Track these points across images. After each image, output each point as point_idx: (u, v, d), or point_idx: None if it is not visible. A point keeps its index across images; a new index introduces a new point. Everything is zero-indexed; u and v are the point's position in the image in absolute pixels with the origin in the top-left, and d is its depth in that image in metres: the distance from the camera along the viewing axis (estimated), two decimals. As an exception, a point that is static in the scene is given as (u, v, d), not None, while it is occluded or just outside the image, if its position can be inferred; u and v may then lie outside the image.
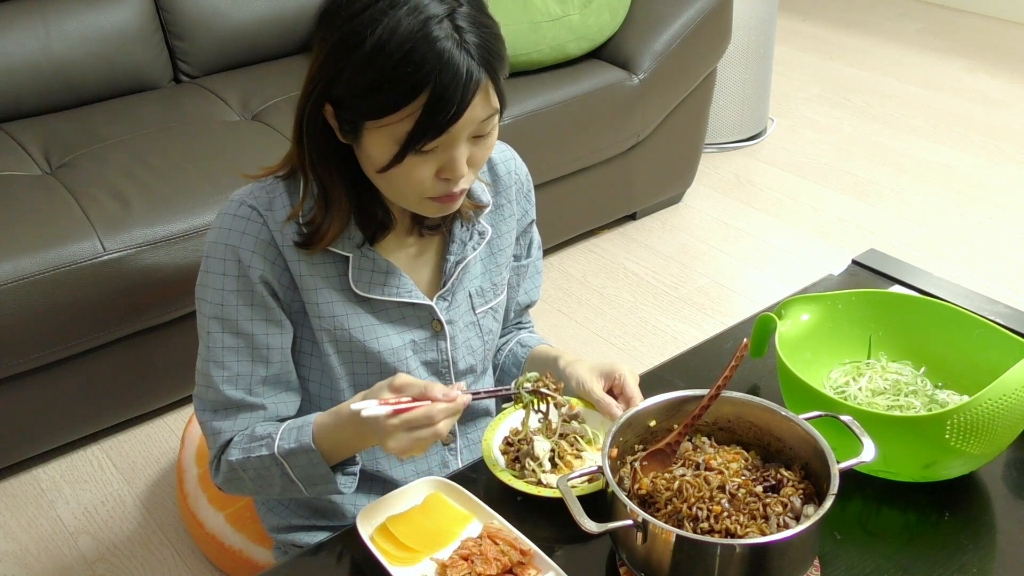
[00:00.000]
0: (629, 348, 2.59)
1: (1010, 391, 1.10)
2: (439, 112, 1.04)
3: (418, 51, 1.02)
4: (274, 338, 1.23)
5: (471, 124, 1.08)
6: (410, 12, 1.03)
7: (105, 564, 2.02)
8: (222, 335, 1.21)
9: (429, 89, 1.03)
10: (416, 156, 1.09)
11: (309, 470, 1.18)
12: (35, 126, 2.43)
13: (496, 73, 1.08)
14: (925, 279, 1.57)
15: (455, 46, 1.03)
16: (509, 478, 1.19)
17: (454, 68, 1.03)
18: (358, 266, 1.22)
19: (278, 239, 1.19)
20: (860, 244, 2.95)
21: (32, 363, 2.03)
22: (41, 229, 2.01)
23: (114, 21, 2.55)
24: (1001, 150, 3.51)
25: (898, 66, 4.22)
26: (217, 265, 1.20)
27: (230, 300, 1.20)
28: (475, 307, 1.34)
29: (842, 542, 1.13)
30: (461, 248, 1.30)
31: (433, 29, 1.03)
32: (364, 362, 1.27)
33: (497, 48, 1.08)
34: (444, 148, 1.10)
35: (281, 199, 1.20)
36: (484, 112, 1.09)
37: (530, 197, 1.41)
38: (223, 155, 2.27)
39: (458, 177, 1.12)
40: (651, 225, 3.13)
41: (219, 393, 1.23)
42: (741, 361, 1.12)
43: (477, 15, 1.07)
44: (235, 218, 1.19)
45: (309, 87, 1.12)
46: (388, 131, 1.07)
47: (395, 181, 1.12)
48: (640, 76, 2.70)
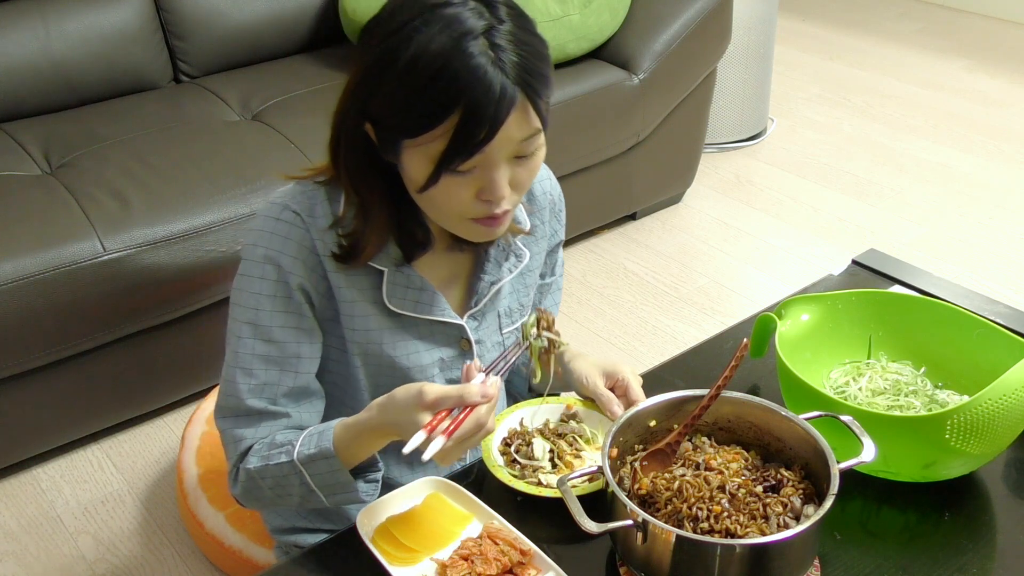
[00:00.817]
0: (629, 348, 2.59)
1: (1010, 391, 1.10)
2: (472, 130, 1.02)
3: (451, 67, 1.00)
4: (304, 347, 1.21)
5: (508, 144, 1.05)
6: (445, 28, 1.01)
7: (105, 564, 2.02)
8: (253, 341, 1.20)
9: (461, 106, 1.01)
10: (453, 176, 1.06)
11: (329, 478, 1.16)
12: (35, 126, 2.43)
13: (535, 91, 1.05)
14: (925, 279, 1.56)
15: (489, 63, 1.01)
16: (509, 478, 1.19)
17: (487, 85, 1.00)
18: (392, 281, 1.21)
19: (319, 247, 1.17)
20: (860, 244, 2.95)
21: (32, 363, 2.03)
22: (41, 229, 2.01)
23: (114, 21, 2.55)
24: (1001, 150, 3.51)
25: (898, 66, 4.22)
26: (255, 269, 1.18)
27: (264, 305, 1.18)
28: (502, 327, 1.33)
29: (842, 542, 1.13)
30: (496, 269, 1.28)
31: (468, 45, 1.01)
32: (391, 376, 1.25)
33: (537, 67, 1.05)
34: (483, 168, 1.07)
35: (322, 206, 1.18)
36: (522, 132, 1.06)
37: (561, 217, 1.39)
38: (223, 155, 2.27)
39: (498, 199, 1.09)
40: (651, 225, 3.13)
41: (241, 402, 1.21)
42: (741, 361, 1.12)
43: (519, 33, 1.04)
44: (278, 222, 1.17)
45: (346, 103, 1.11)
46: (424, 150, 1.05)
47: (435, 201, 1.10)
48: (640, 76, 2.70)
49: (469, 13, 1.03)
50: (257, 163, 2.24)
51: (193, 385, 2.33)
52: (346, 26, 2.69)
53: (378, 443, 1.15)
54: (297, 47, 2.83)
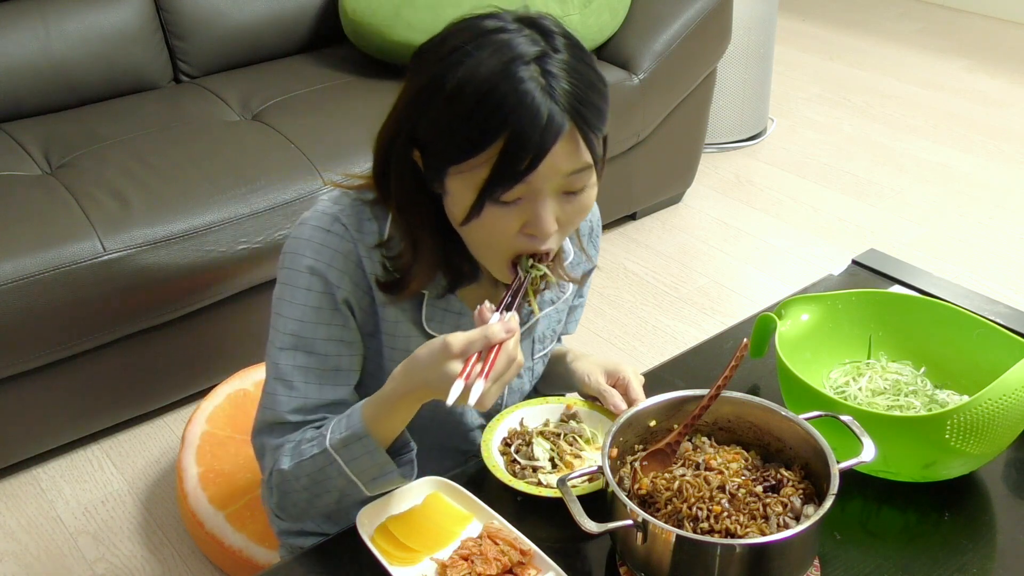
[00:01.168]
0: (629, 348, 2.59)
1: (1010, 391, 1.10)
2: (517, 157, 0.99)
3: (498, 91, 0.98)
4: (345, 359, 1.19)
5: (554, 175, 1.03)
6: (495, 53, 1.00)
7: (105, 564, 2.02)
8: (295, 352, 1.17)
9: (507, 131, 0.98)
10: (497, 208, 1.04)
11: (366, 461, 1.11)
12: (35, 126, 2.43)
13: (586, 123, 1.02)
14: (925, 279, 1.56)
15: (538, 88, 0.99)
16: (509, 478, 1.19)
17: (534, 110, 0.98)
18: (432, 304, 1.20)
19: (366, 264, 1.15)
20: (860, 244, 2.95)
21: (32, 363, 2.03)
22: (41, 229, 2.01)
23: (114, 21, 2.55)
24: (1001, 150, 3.51)
25: (898, 66, 4.22)
26: (301, 279, 1.15)
27: (309, 317, 1.16)
28: (535, 352, 1.33)
29: (842, 542, 1.13)
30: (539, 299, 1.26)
31: (517, 70, 0.99)
32: None
33: (591, 98, 1.03)
34: (528, 200, 1.04)
35: (370, 224, 1.16)
36: (570, 164, 1.03)
37: (596, 243, 1.37)
38: (223, 155, 2.27)
39: (543, 234, 1.05)
40: (651, 225, 3.13)
41: (280, 415, 1.18)
42: (741, 361, 1.12)
43: (573, 63, 1.02)
44: (329, 234, 1.15)
45: (394, 128, 1.09)
46: (468, 178, 1.02)
47: (478, 235, 1.08)
48: (640, 76, 2.70)
49: (523, 39, 1.01)
50: (257, 163, 2.24)
51: (193, 385, 2.33)
52: (346, 26, 2.69)
53: (410, 410, 1.10)
54: (297, 47, 2.83)
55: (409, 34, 2.54)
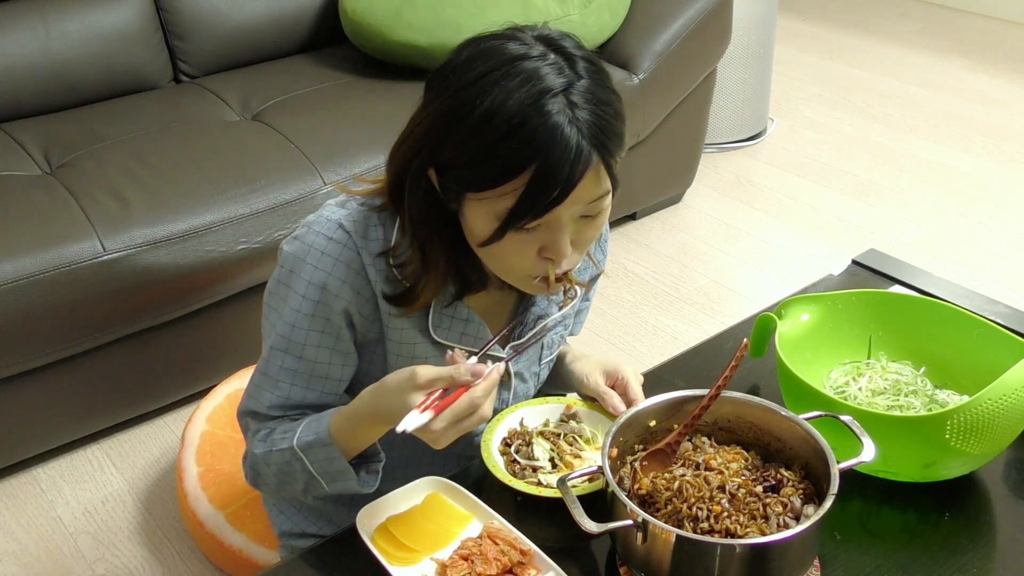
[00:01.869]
0: (629, 348, 2.59)
1: (1010, 391, 1.10)
2: (544, 190, 0.99)
3: (528, 125, 0.97)
4: (335, 368, 1.19)
5: (577, 205, 1.03)
6: (524, 83, 0.99)
7: (105, 564, 2.02)
8: (284, 354, 1.18)
9: (535, 166, 0.98)
10: (517, 234, 1.04)
11: (327, 465, 1.15)
12: (35, 126, 2.43)
13: (609, 152, 1.03)
14: (925, 279, 1.56)
15: (567, 122, 0.98)
16: (509, 478, 1.19)
17: (564, 145, 0.98)
18: (439, 312, 1.20)
19: (370, 272, 1.15)
20: (860, 244, 2.95)
21: (32, 363, 2.03)
22: (41, 229, 2.01)
23: (114, 21, 2.55)
24: (1001, 150, 3.51)
25: (898, 66, 4.22)
26: (299, 285, 1.15)
27: (302, 324, 1.16)
28: (542, 358, 1.33)
29: (842, 542, 1.13)
30: (545, 303, 1.27)
31: (547, 103, 0.98)
32: None
33: (614, 127, 1.03)
34: (548, 227, 1.05)
35: (376, 231, 1.15)
36: (592, 193, 1.04)
37: (605, 248, 1.37)
38: (223, 155, 2.27)
39: (560, 258, 1.07)
40: (651, 225, 3.13)
41: (261, 408, 1.21)
42: (741, 361, 1.12)
43: (597, 91, 1.02)
44: (330, 241, 1.14)
45: (413, 147, 1.08)
46: (489, 205, 1.02)
47: (496, 256, 1.09)
48: (640, 76, 2.70)
49: (549, 68, 1.00)
50: (257, 163, 2.24)
51: (193, 385, 2.33)
52: (346, 26, 2.69)
53: (375, 431, 1.13)
54: (297, 47, 2.83)
55: (409, 34, 2.54)
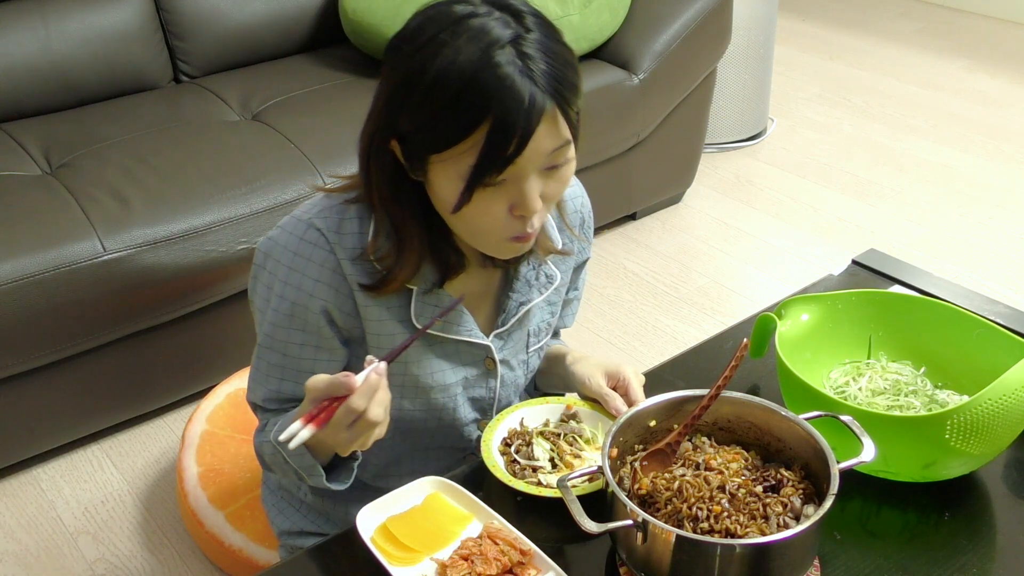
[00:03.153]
0: (629, 348, 2.59)
1: (1010, 391, 1.10)
2: (502, 142, 1.00)
3: (479, 79, 0.99)
4: (321, 364, 1.20)
5: (539, 155, 1.04)
6: (472, 40, 1.00)
7: (105, 564, 2.02)
8: (270, 351, 1.20)
9: (491, 118, 0.99)
10: (485, 191, 1.05)
11: (300, 460, 1.16)
12: (35, 126, 2.43)
13: (566, 101, 1.03)
14: (925, 279, 1.57)
15: (518, 72, 0.99)
16: (509, 478, 1.19)
17: (516, 95, 0.99)
18: (421, 300, 1.20)
19: (345, 267, 1.15)
20: (860, 244, 2.95)
21: (32, 363, 2.03)
22: (41, 229, 2.01)
23: (114, 21, 2.55)
24: (1001, 150, 3.51)
25: (898, 66, 4.22)
26: (276, 286, 1.17)
27: (283, 323, 1.18)
28: (529, 346, 1.33)
29: (842, 542, 1.13)
30: (527, 288, 1.27)
31: (495, 55, 0.99)
32: (413, 397, 1.25)
33: (567, 75, 1.03)
34: (514, 181, 1.05)
35: (351, 223, 1.16)
36: (552, 142, 1.04)
37: (589, 235, 1.37)
38: (223, 155, 2.27)
39: (531, 212, 1.07)
40: (651, 225, 3.13)
41: (258, 401, 1.25)
42: (741, 361, 1.12)
43: (547, 42, 1.03)
44: (302, 241, 1.15)
45: (374, 121, 1.09)
46: (453, 166, 1.03)
47: (468, 221, 1.09)
48: (640, 76, 2.70)
49: (495, 23, 1.01)
50: (257, 163, 2.24)
51: (193, 385, 2.33)
52: (346, 26, 2.69)
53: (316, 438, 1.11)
54: (297, 47, 2.83)
55: (409, 34, 2.54)
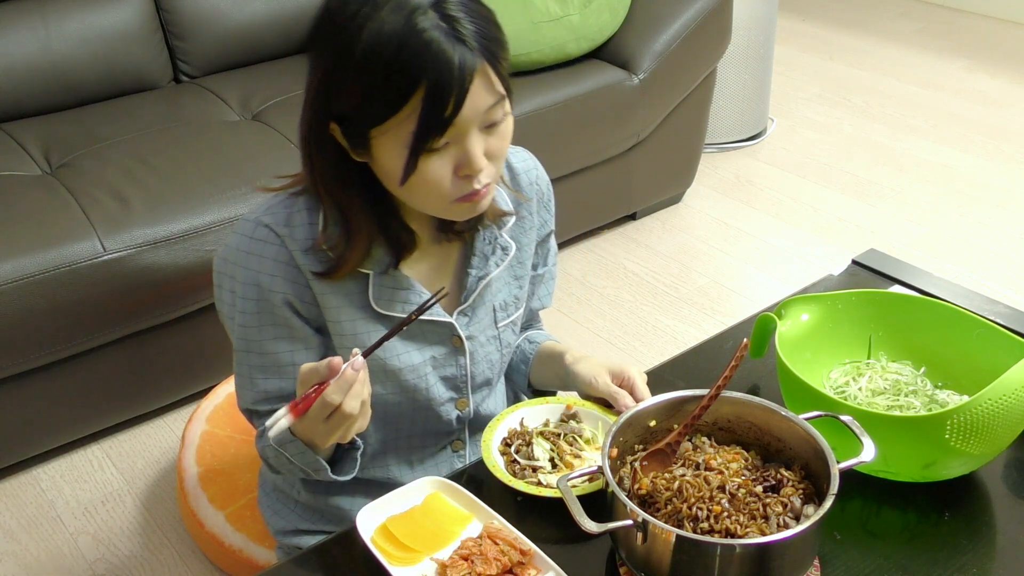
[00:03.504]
0: (629, 348, 2.59)
1: (1010, 391, 1.10)
2: (440, 105, 1.02)
3: (407, 46, 1.00)
4: (299, 354, 1.21)
5: (477, 114, 1.06)
6: (394, 9, 1.01)
7: (105, 564, 2.02)
8: (248, 354, 1.21)
9: (425, 83, 1.01)
10: (430, 157, 1.06)
11: (302, 458, 1.18)
12: (35, 126, 2.43)
13: (495, 57, 1.05)
14: (925, 279, 1.56)
15: (444, 35, 1.01)
16: (509, 478, 1.19)
17: (445, 57, 1.01)
18: (379, 284, 1.21)
19: (298, 258, 1.16)
20: (860, 244, 2.95)
21: (32, 363, 2.03)
22: (41, 229, 2.01)
23: (114, 21, 2.55)
24: (1001, 150, 3.51)
25: (898, 66, 4.22)
26: (236, 287, 1.18)
27: (251, 322, 1.19)
28: (497, 321, 1.33)
29: (842, 542, 1.13)
30: (483, 263, 1.27)
31: (419, 21, 1.01)
32: (383, 380, 1.25)
33: (492, 32, 1.06)
34: (456, 142, 1.07)
35: (300, 215, 1.17)
36: (488, 99, 1.06)
37: (550, 207, 1.38)
38: (223, 155, 2.27)
39: (477, 171, 1.09)
40: (651, 225, 3.13)
41: (249, 405, 1.25)
42: (741, 361, 1.12)
43: (468, 2, 1.05)
44: (252, 240, 1.17)
45: (310, 106, 1.10)
46: (394, 136, 1.05)
47: (418, 190, 1.10)
48: (640, 76, 2.70)
49: None
50: (257, 163, 2.24)
51: (193, 385, 2.33)
52: (346, 26, 2.69)
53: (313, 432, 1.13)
54: (297, 47, 2.83)
55: (409, 34, 2.54)
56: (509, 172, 1.32)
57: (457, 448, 1.39)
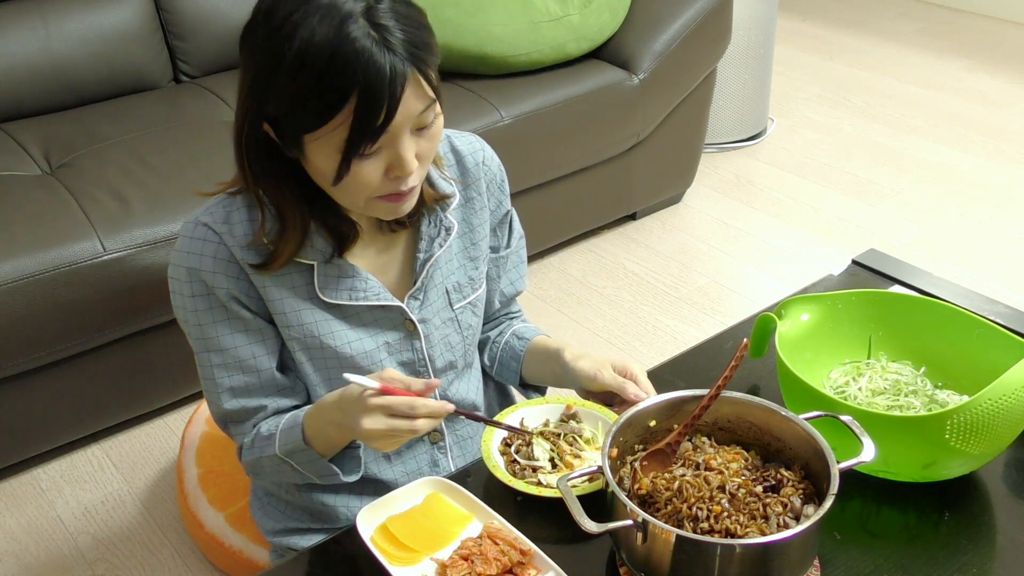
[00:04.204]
0: (629, 348, 2.59)
1: (1010, 391, 1.10)
2: (371, 114, 1.03)
3: (338, 56, 1.01)
4: (257, 347, 1.23)
5: (408, 119, 1.07)
6: (324, 17, 1.01)
7: (105, 564, 2.02)
8: (208, 354, 1.23)
9: (356, 93, 1.02)
10: (362, 160, 1.07)
11: (311, 466, 1.21)
12: (35, 126, 2.43)
13: (424, 63, 1.05)
14: (925, 279, 1.56)
15: (374, 44, 1.01)
16: (509, 478, 1.19)
17: (376, 67, 1.01)
18: (323, 273, 1.22)
19: (238, 254, 1.18)
20: (860, 244, 2.95)
21: (32, 363, 2.03)
22: (41, 229, 2.01)
23: (114, 21, 2.55)
24: (1001, 150, 3.51)
25: (898, 66, 4.23)
26: (184, 288, 1.20)
27: (205, 319, 1.21)
28: (452, 303, 1.33)
29: (842, 542, 1.13)
30: (429, 245, 1.28)
31: (350, 30, 1.01)
32: (338, 368, 1.26)
33: (422, 37, 1.06)
34: (388, 146, 1.08)
35: (239, 213, 1.19)
36: (419, 105, 1.07)
37: (504, 188, 1.39)
38: (223, 155, 2.25)
39: (407, 173, 1.10)
40: (651, 225, 3.13)
41: (220, 407, 1.26)
42: (741, 361, 1.12)
43: (398, 7, 1.05)
44: (192, 240, 1.19)
45: (242, 109, 1.11)
46: (327, 141, 1.06)
47: (346, 189, 1.11)
48: (640, 76, 2.70)
49: None
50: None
51: (193, 385, 2.33)
52: (346, 26, 2.69)
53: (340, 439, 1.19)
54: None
55: (409, 34, 2.54)
56: (454, 155, 1.33)
57: (436, 439, 1.39)
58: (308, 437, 1.20)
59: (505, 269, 1.44)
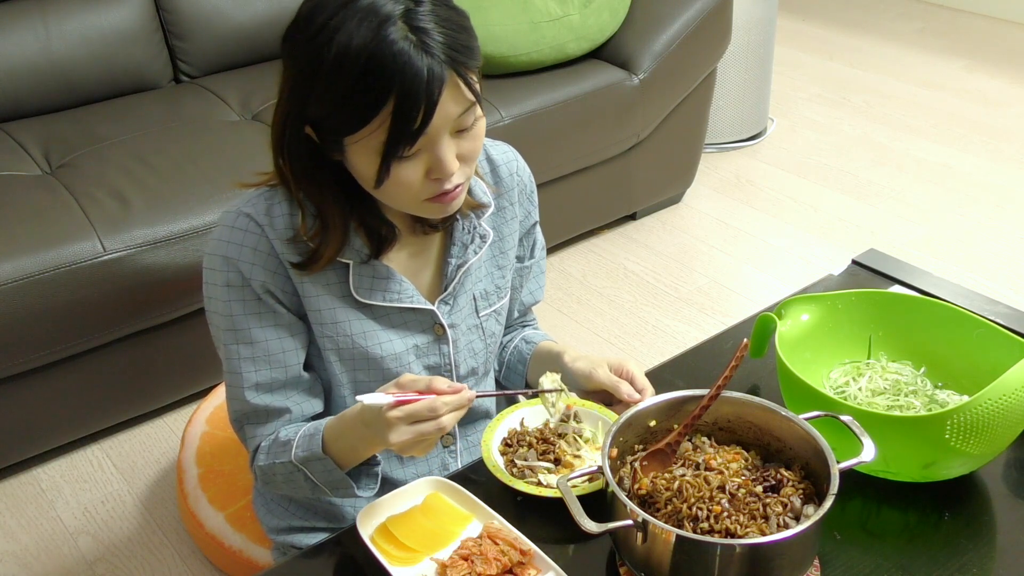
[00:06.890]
0: (629, 348, 2.59)
1: (1010, 391, 1.10)
2: (409, 117, 1.03)
3: (376, 59, 1.01)
4: (287, 341, 1.23)
5: (447, 122, 1.07)
6: (363, 21, 1.02)
7: (105, 564, 2.02)
8: (236, 346, 1.22)
9: (394, 96, 1.02)
10: (402, 163, 1.08)
11: (326, 476, 1.19)
12: (35, 126, 2.43)
13: (463, 65, 1.06)
14: (925, 279, 1.57)
15: (412, 47, 1.01)
16: (509, 478, 1.19)
17: (414, 70, 1.01)
18: (358, 272, 1.22)
19: (277, 247, 1.18)
20: (860, 244, 2.95)
21: (32, 363, 2.03)
22: (41, 229, 2.01)
23: (114, 21, 2.55)
24: (1001, 150, 3.51)
25: (898, 66, 4.23)
26: (220, 277, 1.19)
27: (237, 310, 1.20)
28: (479, 310, 1.33)
29: (842, 542, 1.13)
30: (462, 251, 1.28)
31: (388, 33, 1.01)
32: (366, 368, 1.26)
33: (462, 40, 1.06)
34: (427, 149, 1.08)
35: (280, 207, 1.19)
36: (458, 107, 1.07)
37: (533, 199, 1.40)
38: (223, 155, 2.27)
39: (447, 175, 1.10)
40: (651, 225, 3.13)
41: (244, 403, 1.24)
42: (741, 361, 1.12)
43: (438, 9, 1.05)
44: (233, 229, 1.19)
45: (283, 111, 1.12)
46: (367, 144, 1.06)
47: (390, 191, 1.12)
48: (640, 76, 2.70)
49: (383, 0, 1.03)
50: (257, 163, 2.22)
51: (193, 385, 2.33)
52: (346, 26, 2.69)
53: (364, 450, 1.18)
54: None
55: (409, 34, 2.54)
56: (489, 164, 1.34)
57: (448, 443, 1.39)
58: (328, 446, 1.18)
59: (527, 279, 1.45)
